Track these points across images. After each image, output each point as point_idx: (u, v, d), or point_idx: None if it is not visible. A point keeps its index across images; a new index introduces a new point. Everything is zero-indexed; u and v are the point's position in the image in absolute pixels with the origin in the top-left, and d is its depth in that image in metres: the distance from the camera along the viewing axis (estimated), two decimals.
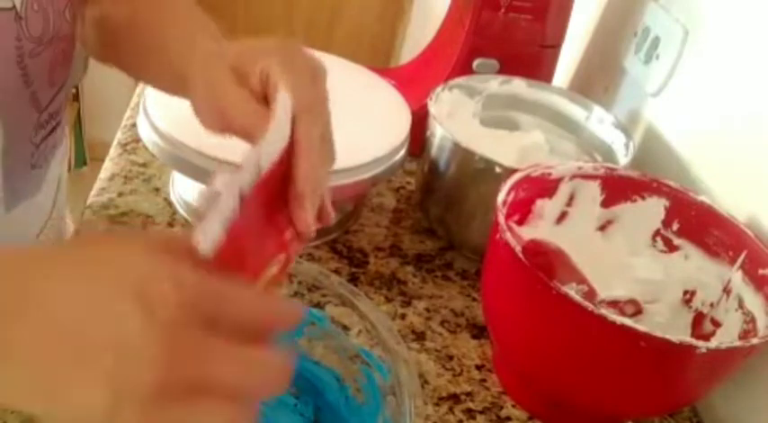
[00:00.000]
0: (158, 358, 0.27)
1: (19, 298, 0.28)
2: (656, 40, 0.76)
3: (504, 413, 0.59)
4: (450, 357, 0.63)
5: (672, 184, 0.62)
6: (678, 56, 0.73)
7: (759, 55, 0.63)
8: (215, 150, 0.61)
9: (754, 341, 0.48)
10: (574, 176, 0.62)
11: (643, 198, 0.62)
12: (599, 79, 0.88)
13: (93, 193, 0.72)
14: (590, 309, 0.46)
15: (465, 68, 0.82)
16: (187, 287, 0.28)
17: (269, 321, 0.31)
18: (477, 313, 0.67)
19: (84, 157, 2.13)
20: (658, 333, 0.45)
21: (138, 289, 0.27)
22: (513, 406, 0.60)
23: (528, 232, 0.62)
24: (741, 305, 0.56)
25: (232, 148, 0.45)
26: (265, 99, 0.42)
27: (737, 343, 0.49)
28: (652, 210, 0.62)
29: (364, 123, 0.71)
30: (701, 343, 0.46)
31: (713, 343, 0.47)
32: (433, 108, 0.70)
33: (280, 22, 1.97)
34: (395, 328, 0.49)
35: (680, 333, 0.59)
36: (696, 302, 0.60)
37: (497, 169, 0.63)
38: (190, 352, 0.27)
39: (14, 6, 0.44)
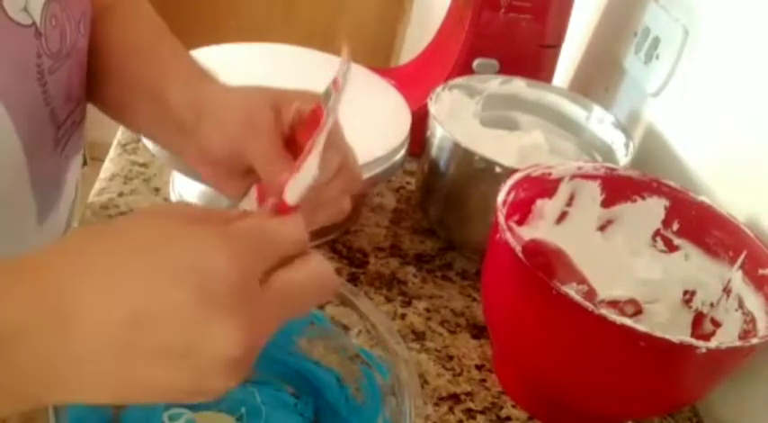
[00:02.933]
0: (234, 332, 0.28)
1: (59, 309, 0.28)
2: (656, 40, 0.76)
3: (504, 413, 0.59)
4: (450, 357, 0.63)
5: (672, 184, 0.61)
6: (678, 56, 0.73)
7: (759, 55, 0.63)
8: None
9: (754, 341, 0.48)
10: (574, 176, 0.62)
11: (643, 198, 0.62)
12: (599, 79, 0.88)
13: (93, 193, 0.72)
14: (590, 309, 0.46)
15: (465, 68, 0.82)
16: (236, 254, 0.29)
17: (304, 240, 0.33)
18: (477, 313, 0.67)
19: (85, 157, 2.14)
20: (658, 333, 0.45)
21: (192, 272, 0.28)
22: (513, 406, 0.60)
23: (528, 232, 0.62)
24: (741, 305, 0.56)
25: None
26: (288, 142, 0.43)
27: (737, 343, 0.49)
28: (652, 210, 0.62)
29: (364, 123, 0.71)
30: (701, 343, 0.46)
31: (713, 343, 0.47)
32: (433, 108, 0.70)
33: (280, 21, 1.97)
34: (395, 328, 0.49)
35: (680, 333, 0.59)
36: (696, 302, 0.60)
37: (497, 169, 0.63)
38: (258, 315, 0.30)
39: (34, 23, 0.43)
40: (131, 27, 0.54)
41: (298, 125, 0.44)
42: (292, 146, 0.44)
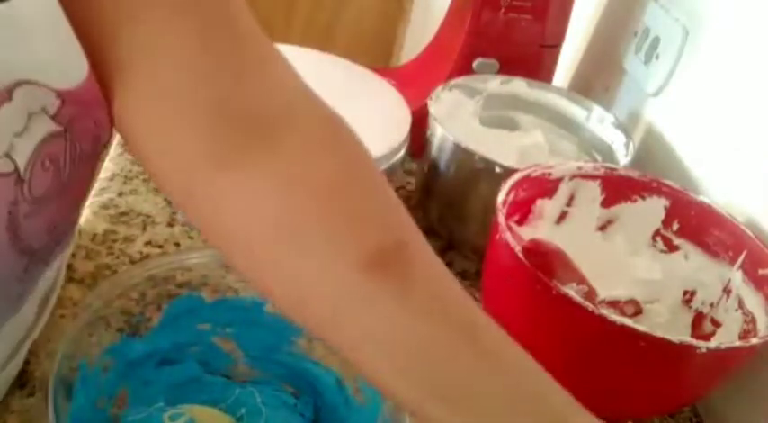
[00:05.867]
0: None
1: None
2: (656, 40, 0.76)
3: None
4: None
5: (672, 184, 0.62)
6: (678, 56, 0.73)
7: (759, 55, 0.63)
8: None
9: (754, 341, 0.48)
10: (574, 176, 0.62)
11: (643, 198, 0.62)
12: (599, 79, 0.88)
13: (93, 193, 0.72)
14: (590, 309, 0.46)
15: (465, 68, 0.82)
16: None
17: None
18: None
19: None
20: (658, 333, 0.45)
21: None
22: None
23: (528, 232, 0.62)
24: (741, 305, 0.56)
25: None
26: None
27: (737, 343, 0.49)
28: (652, 210, 0.62)
29: (364, 123, 0.71)
30: (701, 343, 0.46)
31: (713, 343, 0.47)
32: (433, 108, 0.70)
33: (280, 21, 1.97)
34: None
35: (680, 333, 0.59)
36: (696, 302, 0.60)
37: (497, 169, 0.63)
38: None
39: (16, 169, 0.35)
40: None
41: None
42: None
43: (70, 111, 0.36)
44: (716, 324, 0.58)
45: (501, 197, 0.55)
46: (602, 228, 0.65)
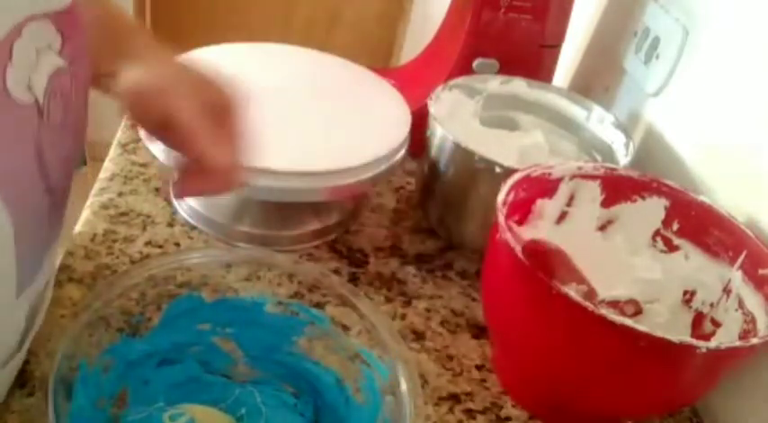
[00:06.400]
0: None
1: None
2: (656, 40, 0.76)
3: (504, 413, 0.59)
4: (450, 357, 0.63)
5: (672, 184, 0.62)
6: (678, 56, 0.73)
7: (759, 55, 0.63)
8: None
9: (754, 341, 0.48)
10: (574, 176, 0.62)
11: (643, 198, 0.62)
12: (599, 79, 0.88)
13: (93, 193, 0.72)
14: (590, 309, 0.46)
15: (465, 68, 0.82)
16: None
17: None
18: (477, 313, 0.67)
19: (84, 157, 2.13)
20: (658, 333, 0.45)
21: None
22: (513, 406, 0.60)
23: (528, 232, 0.62)
24: (741, 305, 0.56)
25: None
26: None
27: (737, 343, 0.49)
28: (652, 210, 0.62)
29: (364, 123, 0.71)
30: (701, 343, 0.46)
31: (713, 343, 0.47)
32: (433, 108, 0.70)
33: (279, 21, 1.97)
34: (395, 328, 0.49)
35: (680, 333, 0.59)
36: (696, 302, 0.60)
37: (497, 169, 0.63)
38: None
39: (36, 100, 0.39)
40: None
41: None
42: None
43: (72, 45, 0.41)
44: (716, 324, 0.58)
45: (501, 197, 0.55)
46: (602, 228, 0.65)
